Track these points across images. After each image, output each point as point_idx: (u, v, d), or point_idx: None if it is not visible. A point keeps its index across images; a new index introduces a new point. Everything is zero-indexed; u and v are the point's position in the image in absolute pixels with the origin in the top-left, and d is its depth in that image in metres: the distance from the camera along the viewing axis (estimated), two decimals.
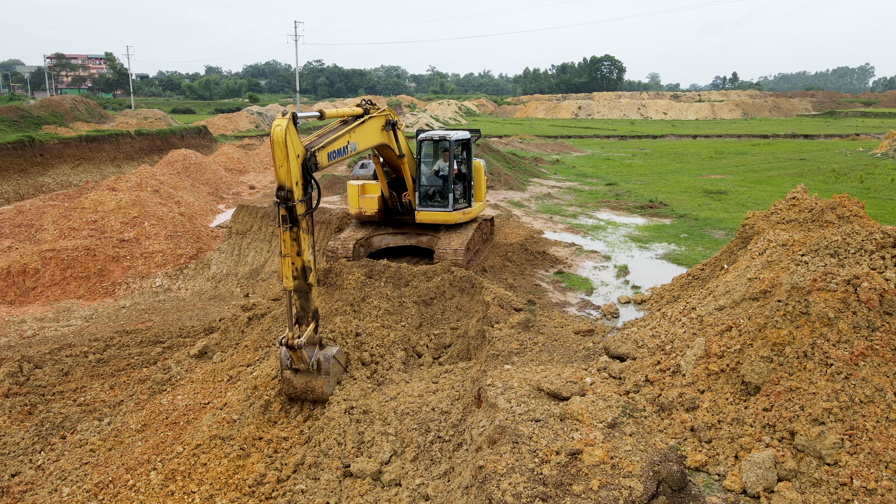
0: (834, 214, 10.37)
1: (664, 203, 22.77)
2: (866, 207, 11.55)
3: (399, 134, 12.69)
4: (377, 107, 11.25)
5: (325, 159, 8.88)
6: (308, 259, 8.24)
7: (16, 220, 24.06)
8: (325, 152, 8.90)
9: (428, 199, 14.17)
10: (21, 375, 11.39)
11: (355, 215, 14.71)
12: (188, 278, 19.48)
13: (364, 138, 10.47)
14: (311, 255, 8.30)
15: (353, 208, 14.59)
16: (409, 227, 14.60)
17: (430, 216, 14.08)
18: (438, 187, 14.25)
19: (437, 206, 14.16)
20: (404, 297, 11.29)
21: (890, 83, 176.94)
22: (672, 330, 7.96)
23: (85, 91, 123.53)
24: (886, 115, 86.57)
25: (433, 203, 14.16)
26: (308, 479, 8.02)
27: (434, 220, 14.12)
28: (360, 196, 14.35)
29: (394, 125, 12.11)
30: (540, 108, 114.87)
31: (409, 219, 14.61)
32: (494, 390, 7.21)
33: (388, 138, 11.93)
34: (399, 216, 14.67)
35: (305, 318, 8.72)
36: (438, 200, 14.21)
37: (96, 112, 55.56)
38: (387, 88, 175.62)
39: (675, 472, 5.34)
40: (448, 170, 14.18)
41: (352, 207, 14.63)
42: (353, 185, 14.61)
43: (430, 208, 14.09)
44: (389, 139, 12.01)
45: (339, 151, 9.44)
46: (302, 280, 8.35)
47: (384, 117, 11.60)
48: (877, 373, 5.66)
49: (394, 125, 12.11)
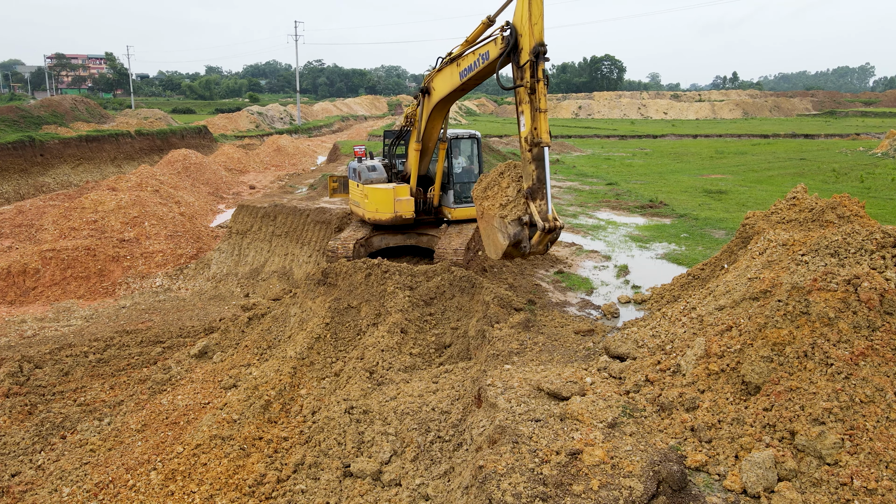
0: (834, 214, 10.36)
1: (664, 203, 22.76)
2: (867, 207, 11.54)
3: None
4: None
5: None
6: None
7: (16, 220, 24.07)
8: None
9: (461, 196, 14.57)
10: (21, 375, 11.39)
11: (387, 220, 13.83)
12: (188, 278, 19.48)
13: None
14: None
15: (387, 213, 13.71)
16: (410, 227, 14.61)
17: (465, 212, 14.49)
18: (472, 182, 14.62)
19: (469, 201, 14.45)
20: (405, 296, 11.29)
21: (890, 83, 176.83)
22: (672, 330, 7.95)
23: (85, 91, 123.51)
24: (887, 114, 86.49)
25: (466, 199, 14.54)
26: (308, 478, 8.02)
27: (469, 215, 14.49)
28: (395, 199, 13.66)
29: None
30: None
31: (429, 219, 14.61)
32: (494, 390, 7.20)
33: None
34: (426, 216, 14.54)
35: (541, 190, 8.81)
36: (469, 196, 14.55)
37: (96, 112, 55.55)
38: (387, 88, 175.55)
39: (676, 471, 5.34)
40: (479, 165, 14.89)
41: (381, 212, 13.76)
42: (383, 189, 13.76)
43: (465, 204, 14.50)
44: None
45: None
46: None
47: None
48: (877, 373, 5.65)
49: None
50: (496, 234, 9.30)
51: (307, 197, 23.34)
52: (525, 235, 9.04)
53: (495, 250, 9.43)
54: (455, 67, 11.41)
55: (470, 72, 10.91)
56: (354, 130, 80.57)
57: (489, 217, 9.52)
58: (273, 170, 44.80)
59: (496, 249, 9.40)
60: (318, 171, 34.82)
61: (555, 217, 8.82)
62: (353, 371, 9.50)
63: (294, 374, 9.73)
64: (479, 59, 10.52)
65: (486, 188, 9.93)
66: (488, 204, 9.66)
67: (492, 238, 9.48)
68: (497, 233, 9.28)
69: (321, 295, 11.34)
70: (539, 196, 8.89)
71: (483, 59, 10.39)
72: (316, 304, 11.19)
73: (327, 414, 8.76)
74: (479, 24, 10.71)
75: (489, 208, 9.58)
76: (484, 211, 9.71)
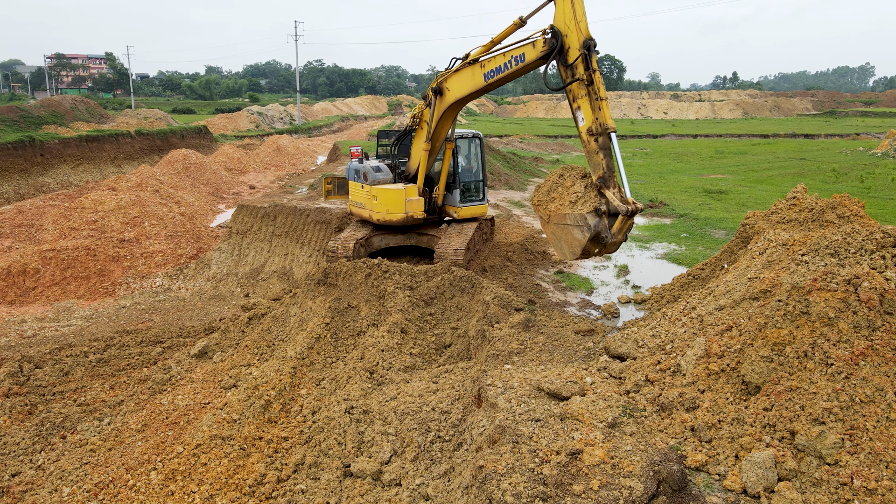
0: (834, 214, 10.36)
1: (664, 203, 22.76)
2: (867, 207, 11.55)
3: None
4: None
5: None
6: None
7: (16, 220, 24.08)
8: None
9: (467, 194, 14.82)
10: (21, 375, 11.39)
11: (398, 221, 13.78)
12: (188, 278, 19.48)
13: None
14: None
15: (398, 213, 13.65)
16: (412, 228, 14.61)
17: (470, 210, 14.81)
18: (476, 181, 15.05)
19: (473, 200, 14.90)
20: (405, 296, 11.29)
21: (890, 83, 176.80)
22: (672, 330, 7.95)
23: (85, 91, 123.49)
24: (887, 114, 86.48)
25: (471, 197, 14.86)
26: (308, 478, 8.02)
27: (473, 213, 14.83)
28: (407, 200, 13.66)
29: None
30: (540, 107, 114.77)
31: (433, 219, 14.72)
32: (494, 390, 7.20)
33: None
34: (430, 216, 14.59)
35: (613, 178, 8.78)
36: (474, 194, 14.95)
37: (96, 112, 55.57)
38: (387, 88, 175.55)
39: (676, 471, 5.34)
40: (481, 165, 15.17)
41: (392, 213, 13.70)
42: (394, 189, 13.67)
43: (470, 203, 14.81)
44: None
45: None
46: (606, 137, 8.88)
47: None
48: (877, 372, 5.66)
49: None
50: (571, 232, 9.04)
51: (307, 197, 23.34)
52: (605, 226, 8.87)
53: (571, 250, 9.17)
54: (478, 69, 11.42)
55: (498, 73, 10.93)
56: (354, 130, 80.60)
57: (560, 217, 9.24)
58: (273, 170, 44.82)
59: (572, 249, 9.14)
60: (318, 171, 34.82)
61: (633, 200, 8.77)
62: (353, 371, 9.50)
63: (294, 374, 9.73)
64: (512, 60, 10.51)
65: (548, 191, 9.77)
66: (555, 205, 9.45)
67: (566, 238, 9.19)
68: (573, 230, 9.02)
69: (321, 295, 11.34)
70: (611, 184, 8.83)
71: (517, 60, 10.39)
72: (316, 304, 11.19)
73: (327, 414, 8.76)
74: (510, 25, 10.73)
75: (558, 208, 9.34)
76: (551, 213, 9.44)
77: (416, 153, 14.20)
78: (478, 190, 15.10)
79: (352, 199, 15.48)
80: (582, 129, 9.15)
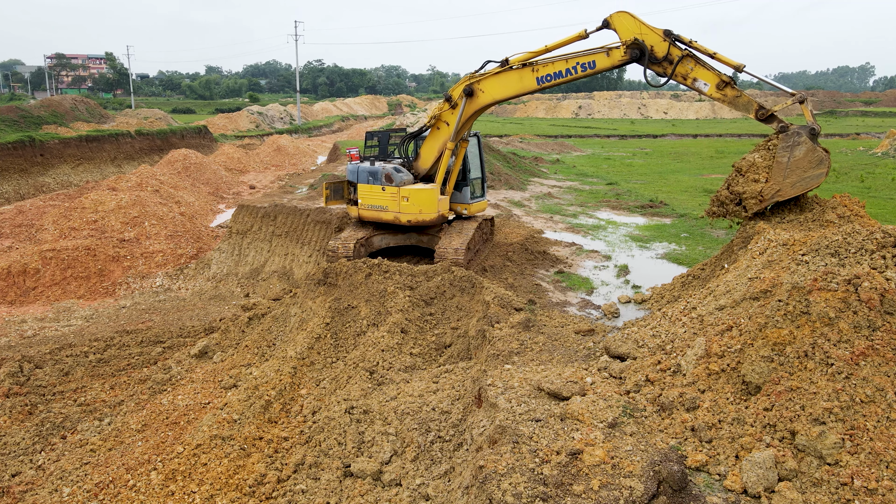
0: (834, 214, 10.36)
1: (664, 202, 22.76)
2: (867, 207, 11.55)
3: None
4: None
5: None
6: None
7: (16, 220, 24.09)
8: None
9: (475, 191, 15.30)
10: (21, 375, 11.39)
11: (431, 221, 13.85)
12: (188, 278, 19.49)
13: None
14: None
15: (431, 213, 13.73)
16: (410, 227, 14.59)
17: (478, 207, 15.36)
18: (478, 178, 15.51)
19: (479, 196, 15.42)
20: (405, 296, 11.29)
21: (890, 82, 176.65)
22: (672, 329, 7.95)
23: (85, 91, 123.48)
24: (887, 114, 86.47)
25: (476, 194, 15.32)
26: (308, 479, 8.02)
27: (480, 209, 15.37)
28: (439, 200, 13.86)
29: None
30: (540, 107, 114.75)
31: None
32: (495, 390, 7.20)
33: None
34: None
35: (763, 105, 10.66)
36: (476, 191, 15.40)
37: (96, 112, 55.55)
38: (387, 88, 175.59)
39: (676, 471, 5.34)
40: (480, 163, 15.62)
41: (426, 213, 13.74)
42: (427, 189, 13.73)
43: (477, 199, 15.32)
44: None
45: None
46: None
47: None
48: (877, 372, 5.65)
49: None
50: (814, 170, 10.25)
51: (307, 197, 23.35)
52: (810, 123, 10.51)
53: (817, 177, 10.33)
54: (528, 73, 12.21)
55: (557, 78, 11.90)
56: (354, 130, 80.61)
57: (787, 169, 10.36)
58: (273, 170, 44.81)
59: (818, 176, 10.32)
60: (319, 171, 34.83)
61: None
62: (353, 371, 9.50)
63: (294, 374, 9.73)
64: (578, 67, 11.69)
65: (752, 171, 10.80)
66: (770, 174, 10.56)
67: (808, 176, 10.33)
68: (819, 165, 10.24)
69: (321, 295, 11.34)
70: (767, 106, 10.51)
71: (584, 67, 11.63)
72: (316, 303, 11.19)
73: (327, 414, 8.76)
74: (573, 35, 11.91)
75: (776, 171, 10.43)
76: (776, 182, 10.48)
77: (429, 153, 14.24)
78: (479, 187, 15.65)
79: (365, 202, 14.52)
80: (710, 93, 10.38)
